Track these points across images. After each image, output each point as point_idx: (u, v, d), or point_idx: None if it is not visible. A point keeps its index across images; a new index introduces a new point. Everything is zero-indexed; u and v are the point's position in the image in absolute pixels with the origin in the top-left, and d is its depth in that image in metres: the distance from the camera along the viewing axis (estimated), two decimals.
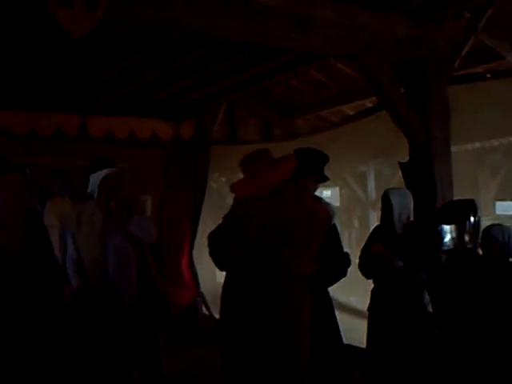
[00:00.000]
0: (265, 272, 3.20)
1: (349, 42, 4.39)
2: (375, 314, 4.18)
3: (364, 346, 4.32)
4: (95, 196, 4.24)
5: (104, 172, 4.21)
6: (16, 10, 3.66)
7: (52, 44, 4.91)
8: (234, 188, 3.44)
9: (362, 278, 4.33)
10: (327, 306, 3.61)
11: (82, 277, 4.17)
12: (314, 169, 3.77)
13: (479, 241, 3.71)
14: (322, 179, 3.83)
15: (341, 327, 3.96)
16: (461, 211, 3.59)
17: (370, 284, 4.28)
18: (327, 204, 3.93)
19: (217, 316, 4.09)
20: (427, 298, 4.00)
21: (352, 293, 7.05)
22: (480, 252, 3.72)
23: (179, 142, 7.65)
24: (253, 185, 3.28)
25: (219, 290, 3.57)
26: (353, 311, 6.59)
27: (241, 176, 3.55)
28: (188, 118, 7.63)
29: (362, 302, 4.45)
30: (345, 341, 4.08)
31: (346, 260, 3.52)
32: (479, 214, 3.63)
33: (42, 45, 5.02)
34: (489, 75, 5.77)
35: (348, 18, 4.31)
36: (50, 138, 6.87)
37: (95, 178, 4.23)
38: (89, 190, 4.28)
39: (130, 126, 7.27)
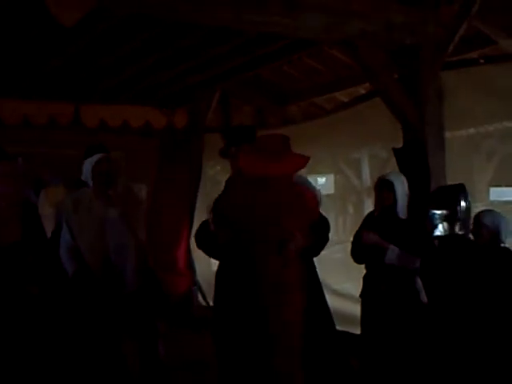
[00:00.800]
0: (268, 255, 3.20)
1: (342, 29, 4.38)
2: (367, 299, 4.19)
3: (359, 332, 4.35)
4: (90, 183, 4.21)
5: (95, 157, 4.17)
6: None
7: (44, 32, 4.87)
8: (246, 162, 3.37)
9: (356, 264, 4.35)
10: (318, 291, 3.59)
11: (78, 262, 4.14)
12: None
13: (470, 227, 3.71)
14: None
15: (337, 314, 3.96)
16: (451, 197, 3.59)
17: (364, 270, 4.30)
18: (308, 182, 3.90)
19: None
20: (419, 283, 4.02)
21: (346, 279, 7.08)
22: (471, 238, 3.73)
23: (173, 130, 7.63)
24: (269, 166, 3.25)
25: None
26: (348, 298, 6.62)
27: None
28: (181, 105, 7.60)
29: (357, 287, 4.47)
30: (341, 327, 4.09)
31: (326, 225, 3.48)
32: (470, 199, 3.62)
33: (35, 33, 4.98)
34: (482, 61, 5.77)
35: (342, 5, 4.29)
36: (43, 127, 6.84)
37: (87, 165, 4.20)
38: (83, 178, 4.25)
39: (123, 114, 7.23)
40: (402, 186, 4.15)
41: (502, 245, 3.63)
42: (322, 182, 8.65)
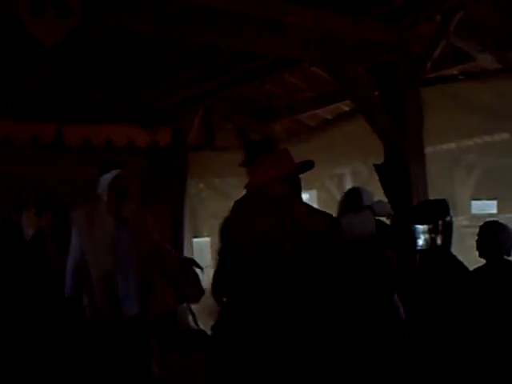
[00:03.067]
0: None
1: (322, 46, 4.42)
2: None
3: None
4: (104, 198, 4.15)
5: (113, 174, 4.12)
6: None
7: (26, 52, 4.88)
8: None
9: None
10: None
11: (79, 286, 4.10)
12: None
13: (477, 237, 3.75)
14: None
15: None
16: (433, 211, 3.62)
17: None
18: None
19: (208, 331, 4.00)
20: (397, 300, 4.04)
21: None
22: (476, 250, 3.75)
23: (156, 148, 7.64)
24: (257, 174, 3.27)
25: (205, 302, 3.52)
26: None
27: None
28: (164, 124, 7.62)
29: None
30: None
31: None
32: (451, 213, 3.66)
33: (16, 53, 4.99)
34: (461, 77, 5.87)
35: (321, 22, 4.34)
36: (25, 146, 6.81)
37: (104, 180, 4.14)
38: (98, 192, 4.19)
39: (107, 133, 7.24)
40: (367, 196, 4.25)
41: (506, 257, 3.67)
42: (305, 198, 8.68)
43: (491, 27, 5.34)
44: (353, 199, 4.26)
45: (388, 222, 4.29)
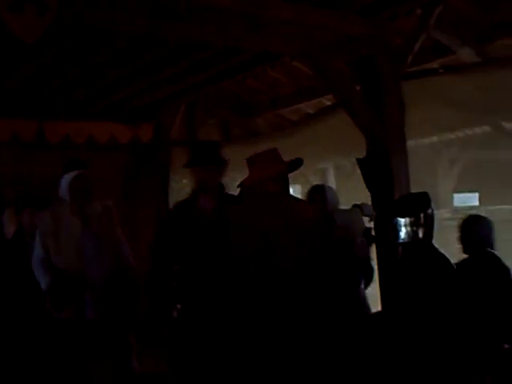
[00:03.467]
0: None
1: (303, 41, 4.43)
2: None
3: None
4: (67, 199, 4.12)
5: (72, 174, 4.09)
6: None
7: (5, 49, 4.83)
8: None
9: None
10: None
11: (54, 273, 4.02)
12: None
13: (459, 233, 3.80)
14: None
15: None
16: (415, 204, 3.64)
17: None
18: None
19: None
20: (363, 294, 4.08)
21: None
22: (460, 245, 3.80)
23: (138, 144, 7.61)
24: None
25: None
26: None
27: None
28: (147, 120, 7.59)
29: None
30: None
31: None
32: (433, 206, 3.69)
33: None
34: (442, 70, 5.90)
35: (301, 17, 4.34)
36: (5, 144, 6.76)
37: (64, 181, 4.11)
38: (60, 194, 4.17)
39: (88, 130, 7.19)
40: (331, 194, 4.45)
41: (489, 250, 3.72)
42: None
43: (471, 21, 5.39)
44: (316, 197, 4.35)
45: (370, 222, 4.40)
